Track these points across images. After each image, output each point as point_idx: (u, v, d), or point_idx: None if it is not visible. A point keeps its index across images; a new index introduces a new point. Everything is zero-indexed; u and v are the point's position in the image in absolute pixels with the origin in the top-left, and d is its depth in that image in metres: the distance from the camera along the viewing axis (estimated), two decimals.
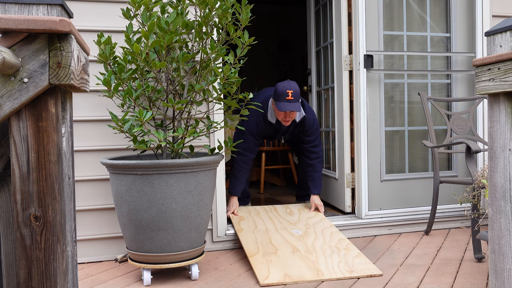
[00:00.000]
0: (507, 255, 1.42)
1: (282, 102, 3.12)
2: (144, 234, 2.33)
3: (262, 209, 3.40)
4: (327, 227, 3.04)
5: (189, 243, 2.39)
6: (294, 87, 3.16)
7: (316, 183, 3.46)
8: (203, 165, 2.36)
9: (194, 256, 2.44)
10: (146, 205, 2.28)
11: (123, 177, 2.31)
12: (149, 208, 2.29)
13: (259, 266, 2.49)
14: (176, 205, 2.30)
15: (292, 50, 7.93)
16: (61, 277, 1.09)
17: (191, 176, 2.32)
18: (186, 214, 2.33)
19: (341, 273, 2.41)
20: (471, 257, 2.75)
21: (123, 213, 2.36)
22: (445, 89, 3.63)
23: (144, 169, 2.25)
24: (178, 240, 2.35)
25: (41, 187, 1.08)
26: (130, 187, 2.29)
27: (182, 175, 2.29)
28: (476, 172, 2.66)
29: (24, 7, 1.05)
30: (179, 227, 2.33)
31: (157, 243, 2.33)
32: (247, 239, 2.81)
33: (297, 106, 3.14)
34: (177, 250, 2.36)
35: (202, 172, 2.37)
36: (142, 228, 2.32)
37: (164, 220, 2.30)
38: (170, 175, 2.28)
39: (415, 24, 3.53)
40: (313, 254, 2.63)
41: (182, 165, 2.28)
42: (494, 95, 1.46)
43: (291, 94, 3.12)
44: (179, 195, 2.30)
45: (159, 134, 2.23)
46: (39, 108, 1.07)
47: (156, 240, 2.33)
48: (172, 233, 2.33)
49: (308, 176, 3.49)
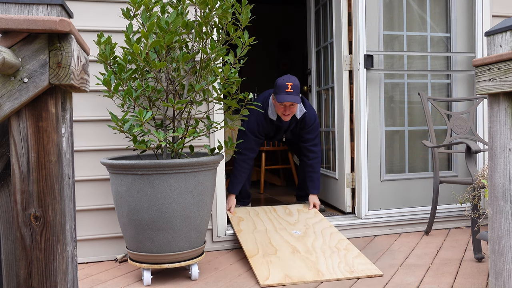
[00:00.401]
0: (507, 255, 1.42)
1: (281, 94, 3.14)
2: (144, 234, 2.33)
3: (261, 210, 3.40)
4: (326, 228, 3.04)
5: (189, 243, 2.39)
6: (294, 80, 3.18)
7: (315, 184, 3.48)
8: (203, 165, 2.36)
9: (194, 256, 2.44)
10: (146, 205, 2.28)
11: (123, 177, 2.31)
12: (149, 208, 2.29)
13: (259, 266, 2.48)
14: (176, 205, 2.30)
15: (292, 50, 7.93)
16: (61, 277, 1.09)
17: (191, 176, 2.32)
18: (186, 214, 2.33)
19: (342, 274, 2.41)
20: (471, 257, 2.75)
21: (123, 213, 2.36)
22: (445, 89, 3.63)
23: (144, 169, 2.25)
24: (178, 240, 2.35)
25: (41, 187, 1.08)
26: (130, 187, 2.29)
27: (182, 175, 2.30)
28: (476, 172, 2.66)
29: (24, 7, 1.05)
30: (179, 227, 2.33)
31: (157, 243, 2.33)
32: (246, 240, 2.80)
33: (297, 98, 3.14)
34: (177, 250, 2.36)
35: (202, 172, 2.37)
36: (142, 228, 2.32)
37: (164, 220, 2.30)
38: (170, 175, 2.27)
39: (415, 24, 3.53)
40: (313, 255, 2.63)
41: (182, 165, 2.28)
42: (494, 95, 1.46)
43: (290, 86, 3.13)
44: (179, 195, 2.30)
45: (159, 134, 2.22)
46: (39, 108, 1.07)
47: (156, 240, 2.33)
48: (172, 233, 2.33)
49: (307, 176, 3.50)
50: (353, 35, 3.38)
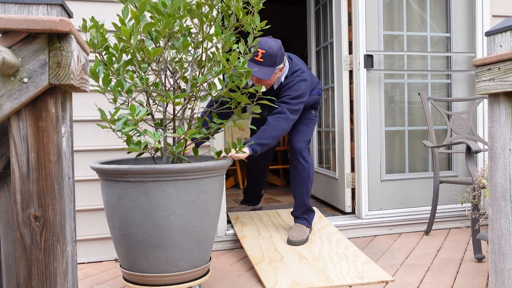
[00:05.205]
0: (507, 255, 1.42)
1: (249, 62, 2.54)
2: (138, 251, 2.01)
3: (265, 214, 3.33)
4: (333, 234, 2.97)
5: (191, 262, 2.07)
6: (270, 45, 2.53)
7: (257, 135, 2.56)
8: (207, 171, 2.04)
9: (196, 277, 2.11)
10: (140, 217, 1.97)
11: (114, 184, 2.00)
12: (143, 221, 1.97)
13: (266, 274, 2.41)
14: (175, 217, 1.99)
15: (292, 50, 7.93)
16: (61, 277, 1.09)
17: (192, 183, 2.01)
18: (187, 227, 2.02)
19: (351, 280, 2.35)
20: (471, 257, 2.75)
21: (115, 226, 2.07)
22: (445, 89, 3.63)
23: (137, 176, 1.93)
24: (177, 259, 2.03)
25: (41, 187, 1.07)
26: (122, 196, 1.98)
27: (182, 182, 1.98)
28: (476, 172, 2.66)
29: (24, 7, 1.05)
30: (179, 243, 2.02)
31: (153, 261, 2.01)
32: (251, 247, 2.73)
33: (264, 72, 2.53)
34: (176, 270, 2.03)
35: (205, 179, 2.05)
36: (135, 244, 2.01)
37: (161, 235, 1.98)
38: (168, 182, 1.96)
39: (415, 24, 3.53)
40: (320, 262, 2.57)
41: (182, 171, 1.96)
42: (494, 95, 1.46)
43: (261, 54, 2.53)
44: (179, 206, 1.99)
45: (154, 135, 1.96)
46: (39, 108, 1.07)
47: (152, 258, 2.01)
48: (170, 250, 2.00)
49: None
50: (353, 35, 3.38)
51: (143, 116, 1.91)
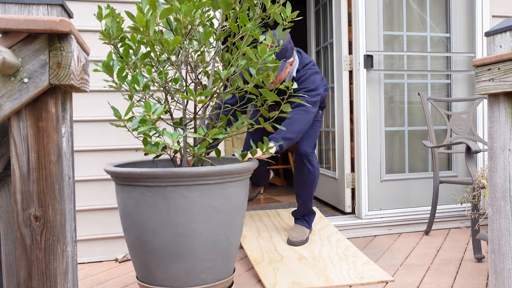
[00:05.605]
0: (507, 255, 1.42)
1: None
2: (156, 261, 1.87)
3: (265, 214, 3.33)
4: (333, 234, 2.97)
5: (214, 274, 1.91)
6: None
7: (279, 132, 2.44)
8: (232, 175, 1.88)
9: None
10: (158, 225, 1.83)
11: (131, 189, 1.87)
12: (162, 229, 1.83)
13: (266, 274, 2.41)
14: (196, 225, 1.84)
15: None
16: (61, 277, 1.09)
17: (216, 188, 1.85)
18: (209, 237, 1.86)
19: (351, 280, 2.35)
20: (471, 257, 2.75)
21: (130, 234, 1.93)
22: (445, 89, 3.63)
23: (155, 180, 1.79)
24: (199, 270, 1.88)
25: (41, 187, 1.08)
26: (139, 201, 1.85)
27: (205, 187, 1.83)
28: (476, 172, 2.66)
29: (24, 7, 1.05)
30: (201, 254, 1.87)
31: (171, 273, 1.86)
32: (251, 247, 2.73)
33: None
34: (198, 284, 1.88)
35: (230, 183, 1.89)
36: (153, 254, 1.86)
37: (181, 244, 1.85)
38: (190, 187, 1.80)
39: (415, 24, 3.53)
40: (320, 262, 2.57)
41: (205, 174, 1.81)
42: (494, 95, 1.46)
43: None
44: (201, 212, 1.84)
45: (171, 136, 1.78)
46: (39, 108, 1.07)
47: (170, 269, 1.87)
48: (191, 261, 1.86)
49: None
50: (353, 35, 3.39)
51: (160, 114, 1.75)
